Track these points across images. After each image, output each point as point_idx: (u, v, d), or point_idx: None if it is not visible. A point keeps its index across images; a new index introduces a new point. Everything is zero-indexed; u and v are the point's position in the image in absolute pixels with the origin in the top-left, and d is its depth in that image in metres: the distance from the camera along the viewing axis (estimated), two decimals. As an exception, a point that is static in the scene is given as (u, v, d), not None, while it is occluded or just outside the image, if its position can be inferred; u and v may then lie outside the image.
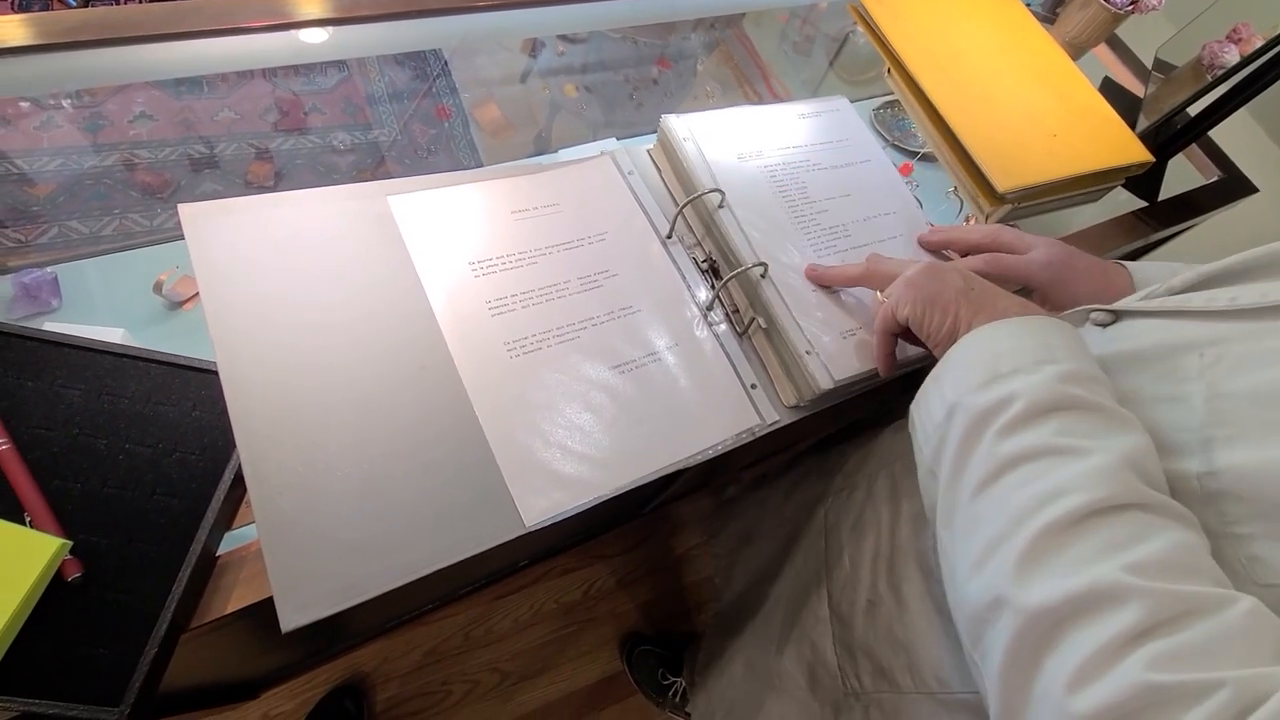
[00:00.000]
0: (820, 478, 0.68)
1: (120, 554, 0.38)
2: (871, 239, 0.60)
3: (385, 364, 0.46)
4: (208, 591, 0.41)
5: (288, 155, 1.47)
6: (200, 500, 0.40)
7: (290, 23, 0.79)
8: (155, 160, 1.39)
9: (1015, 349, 0.36)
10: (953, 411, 0.36)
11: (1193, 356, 0.35)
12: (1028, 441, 0.32)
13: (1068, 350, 0.35)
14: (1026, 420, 0.33)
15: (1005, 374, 0.35)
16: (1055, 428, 0.32)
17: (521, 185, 0.57)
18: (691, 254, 0.59)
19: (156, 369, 0.43)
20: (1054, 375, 0.34)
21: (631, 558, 1.41)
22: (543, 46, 1.35)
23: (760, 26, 1.32)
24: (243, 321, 0.44)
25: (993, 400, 0.34)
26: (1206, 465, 0.32)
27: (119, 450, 0.40)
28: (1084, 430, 0.32)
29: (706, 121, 0.62)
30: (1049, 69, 0.77)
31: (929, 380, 0.39)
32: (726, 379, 0.53)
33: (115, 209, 1.32)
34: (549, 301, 0.52)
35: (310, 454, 0.42)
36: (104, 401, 0.41)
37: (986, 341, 0.37)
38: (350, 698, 1.17)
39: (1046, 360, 0.34)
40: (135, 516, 0.39)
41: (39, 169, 1.34)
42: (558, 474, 0.46)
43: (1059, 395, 0.33)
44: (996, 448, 0.33)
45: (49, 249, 1.26)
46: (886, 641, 0.50)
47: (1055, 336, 0.36)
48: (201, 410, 0.43)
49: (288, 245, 0.48)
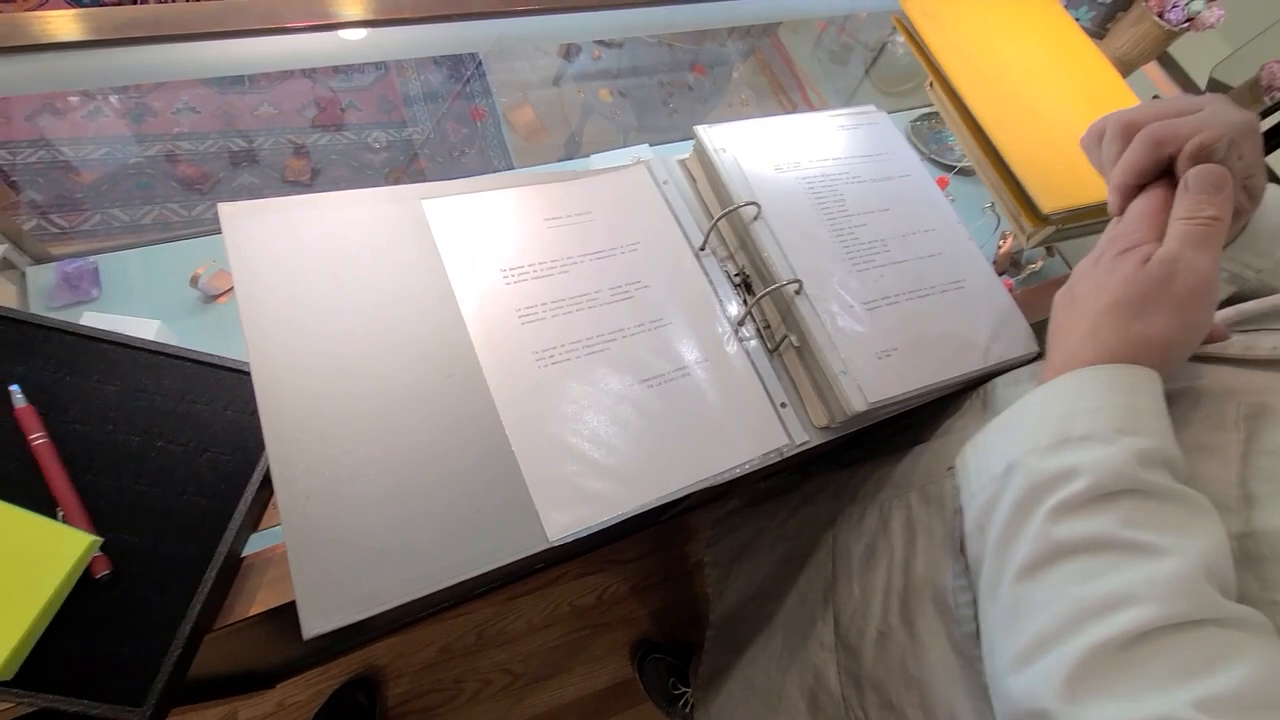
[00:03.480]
0: (830, 498, 0.67)
1: (148, 553, 0.38)
2: (911, 255, 0.59)
3: (414, 371, 0.46)
4: (232, 593, 0.41)
5: (324, 151, 1.50)
6: (228, 501, 0.40)
7: (332, 23, 0.80)
8: (195, 153, 1.42)
9: (1095, 408, 0.31)
10: (1011, 469, 0.32)
11: (1230, 406, 0.33)
12: (1088, 529, 0.29)
13: (1153, 419, 0.31)
14: (1088, 503, 0.29)
15: (1076, 439, 0.31)
16: (1120, 517, 0.28)
17: (555, 192, 0.57)
18: (724, 267, 0.58)
19: (191, 367, 0.44)
20: (1131, 453, 0.29)
21: (646, 564, 1.41)
22: (578, 51, 1.35)
23: (797, 34, 1.31)
24: (276, 323, 0.45)
25: (1055, 470, 0.30)
26: (1245, 525, 0.30)
27: (151, 448, 0.41)
28: (1156, 522, 0.28)
29: (742, 132, 0.61)
30: (1098, 86, 0.75)
31: (996, 424, 0.36)
32: (756, 397, 0.52)
33: (155, 199, 1.35)
34: (579, 311, 0.52)
35: (338, 459, 0.42)
36: (139, 398, 0.42)
37: (1068, 393, 0.33)
38: (363, 691, 1.18)
39: (1126, 430, 0.30)
40: (164, 515, 0.39)
41: (83, 157, 1.38)
42: (582, 488, 0.45)
43: (1131, 478, 0.29)
44: (1050, 529, 0.29)
45: (90, 236, 1.29)
46: (899, 676, 0.48)
47: (1143, 396, 0.31)
48: (234, 411, 0.43)
49: (322, 247, 0.48)
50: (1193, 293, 0.32)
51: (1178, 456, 0.31)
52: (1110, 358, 0.33)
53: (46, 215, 1.29)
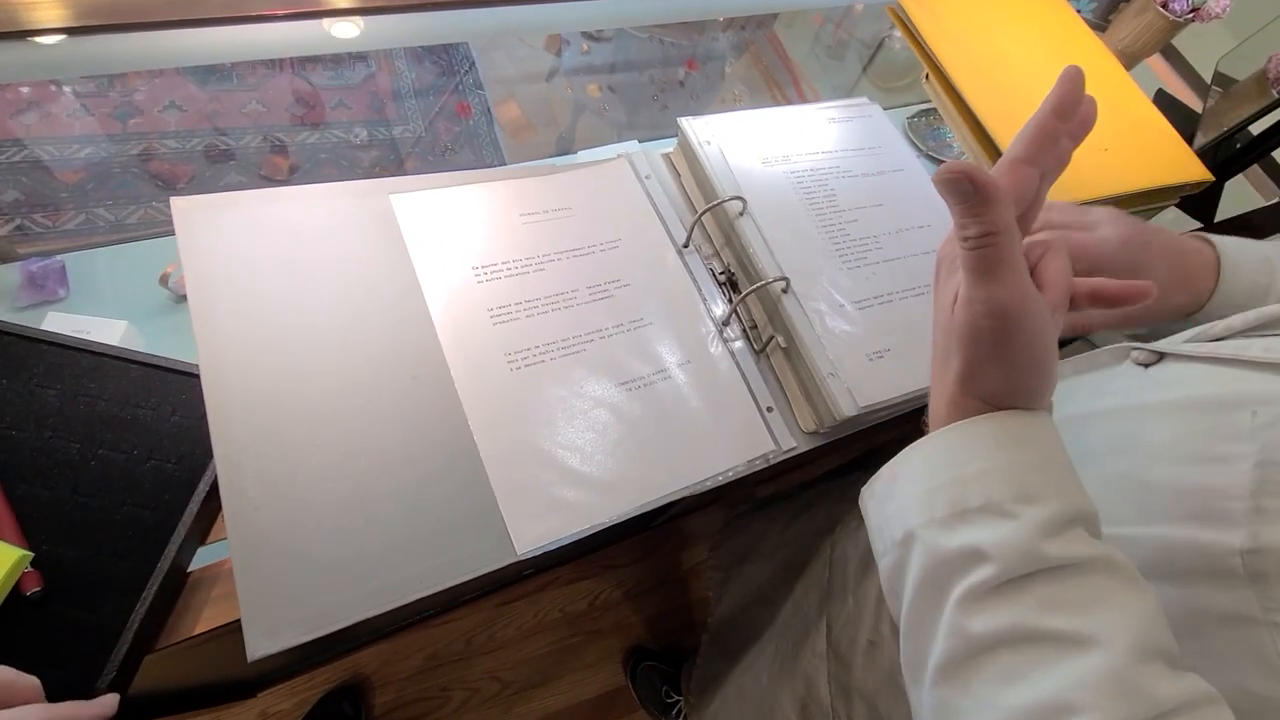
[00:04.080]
0: (830, 506, 0.65)
1: (84, 568, 0.36)
2: (905, 252, 0.56)
3: (377, 372, 0.43)
4: (178, 609, 0.38)
5: (312, 149, 1.47)
6: (172, 513, 0.38)
7: (315, 11, 0.78)
8: (173, 151, 1.40)
9: (985, 471, 0.28)
10: (910, 540, 0.29)
11: (1244, 414, 0.30)
12: (1003, 621, 0.26)
13: (1049, 475, 0.28)
14: (998, 589, 0.26)
15: (974, 510, 0.27)
16: (1036, 602, 0.26)
17: (532, 187, 0.54)
18: (709, 265, 0.56)
19: (137, 370, 0.41)
20: (1035, 527, 0.26)
21: (639, 569, 1.38)
22: (567, 45, 1.33)
23: (792, 28, 1.29)
24: (230, 321, 0.42)
25: (957, 550, 0.27)
26: (1252, 541, 0.28)
27: (91, 456, 0.38)
28: (1075, 602, 0.25)
29: (728, 124, 0.59)
30: (1101, 79, 0.72)
31: (887, 474, 0.32)
32: (741, 400, 0.50)
33: (129, 198, 1.32)
34: (555, 311, 0.49)
35: (292, 467, 0.39)
36: (80, 403, 0.39)
37: (955, 450, 0.29)
38: (348, 699, 1.15)
39: (1024, 498, 0.27)
40: (103, 528, 0.37)
41: (59, 155, 1.35)
42: (555, 497, 0.43)
43: (1039, 557, 0.26)
44: (964, 621, 0.26)
45: (62, 236, 1.27)
46: (887, 687, 0.47)
47: (1034, 452, 0.28)
48: (181, 415, 0.41)
49: (282, 243, 0.45)
50: (1003, 336, 0.27)
51: (1086, 509, 0.28)
52: (978, 409, 0.29)
53: (20, 214, 1.26)
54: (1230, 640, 0.28)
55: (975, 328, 0.28)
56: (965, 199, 0.26)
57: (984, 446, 0.28)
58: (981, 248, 0.26)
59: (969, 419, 0.29)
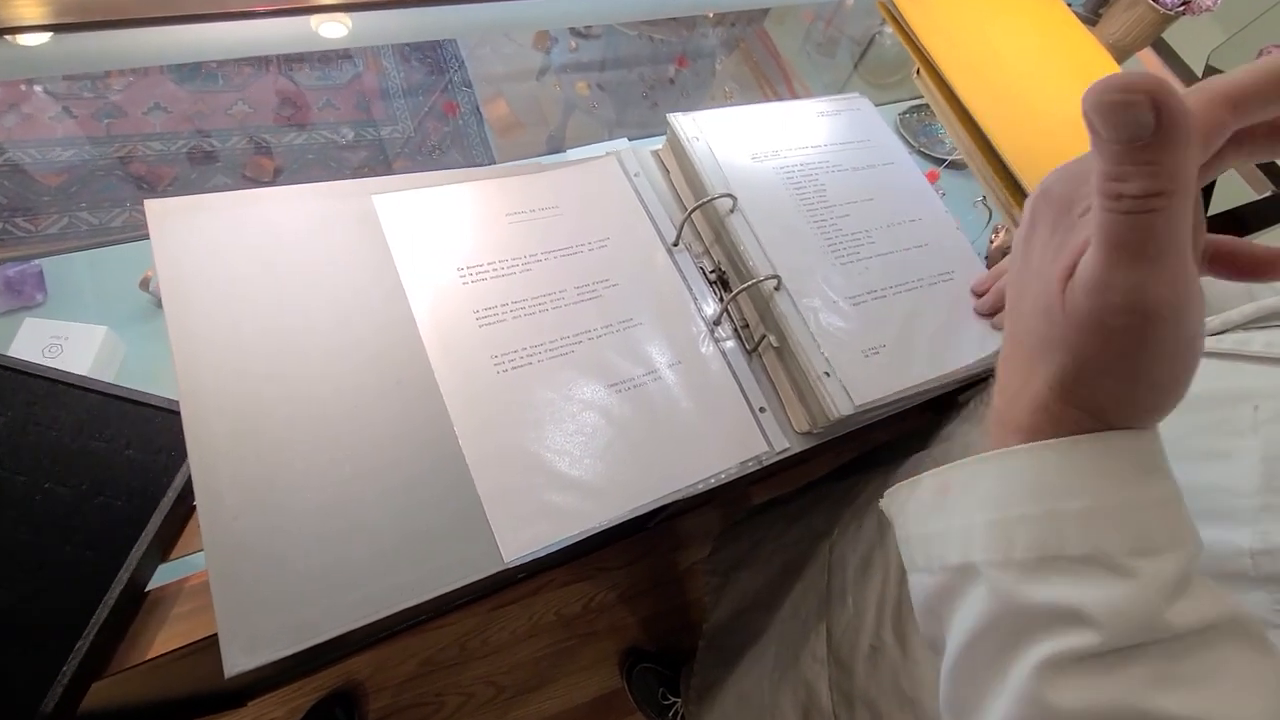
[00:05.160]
0: (829, 508, 0.64)
1: (19, 611, 0.33)
2: (896, 246, 0.56)
3: (359, 376, 0.42)
4: (135, 630, 0.36)
5: (299, 150, 1.46)
6: (117, 554, 0.35)
7: (301, 7, 0.77)
8: (156, 153, 1.38)
9: (1092, 512, 0.21)
10: (969, 572, 0.23)
11: (1247, 408, 0.30)
12: (1104, 699, 0.20)
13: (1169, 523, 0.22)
14: (1102, 660, 0.20)
15: (1074, 560, 0.21)
16: (1149, 676, 0.20)
17: (518, 186, 0.53)
18: (699, 263, 0.55)
19: (94, 399, 0.39)
20: (1157, 589, 0.20)
21: (633, 571, 1.37)
22: (555, 42, 1.32)
23: (783, 25, 1.28)
24: (206, 326, 0.41)
25: (1046, 607, 0.21)
26: (1262, 541, 0.27)
27: (37, 490, 0.36)
28: (1196, 675, 0.20)
29: (718, 120, 0.58)
30: (1092, 73, 0.72)
31: (934, 487, 0.26)
32: (733, 401, 0.49)
33: (111, 200, 1.30)
34: (542, 312, 0.48)
35: (272, 473, 0.38)
36: (30, 432, 0.37)
37: (1046, 478, 0.22)
38: (341, 706, 1.14)
39: (1142, 551, 0.21)
40: (42, 568, 0.35)
41: (40, 158, 1.33)
42: (544, 502, 0.42)
43: (1162, 627, 0.20)
44: (1048, 692, 0.21)
45: (40, 240, 1.25)
46: (891, 693, 0.46)
47: (1154, 490, 0.22)
48: (135, 450, 0.39)
49: (260, 246, 0.44)
50: (1140, 343, 0.20)
51: (1199, 553, 0.22)
52: (1080, 424, 0.22)
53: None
54: None
55: (1104, 325, 0.20)
56: (1139, 133, 0.17)
57: (1091, 477, 0.22)
58: (1143, 212, 0.17)
59: (1069, 437, 0.22)
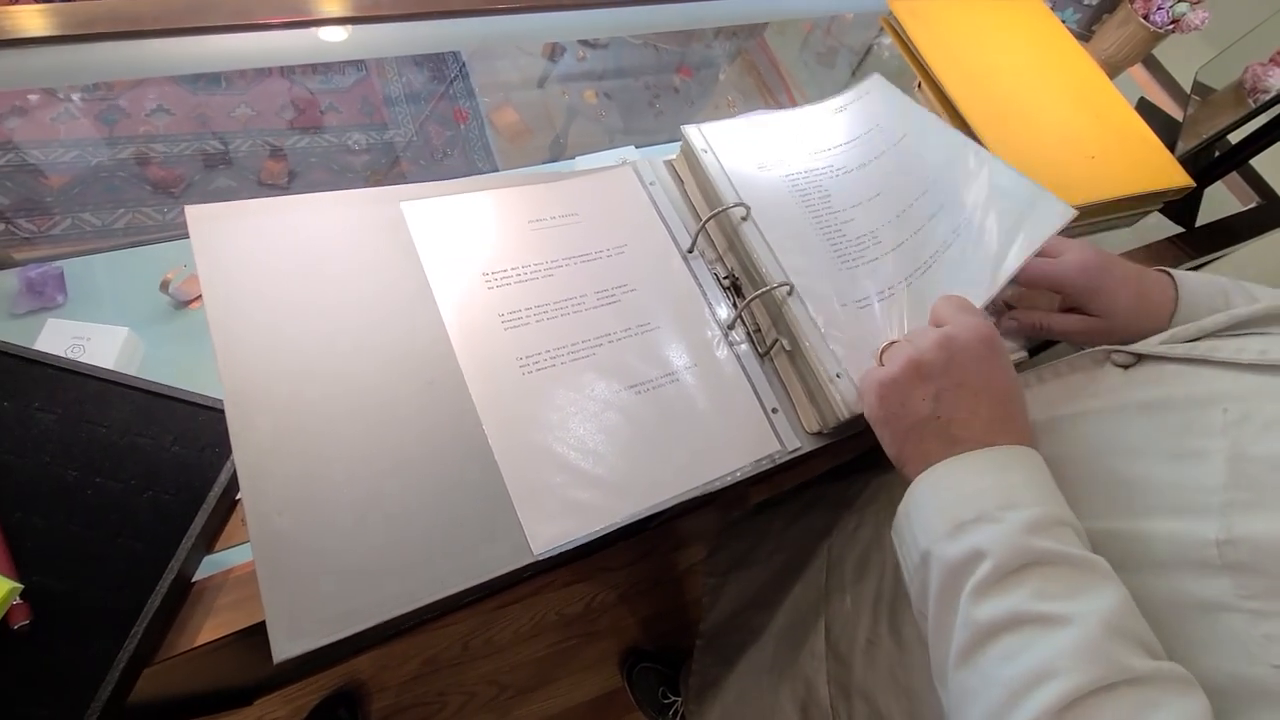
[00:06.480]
0: (828, 508, 0.66)
1: (74, 601, 0.35)
2: (906, 234, 0.55)
3: (393, 377, 0.44)
4: (184, 618, 0.38)
5: (303, 154, 1.47)
6: (167, 546, 0.37)
7: (310, 20, 0.78)
8: (169, 155, 1.39)
9: (977, 492, 0.34)
10: (926, 559, 0.34)
11: (1216, 411, 0.33)
12: (1003, 607, 0.30)
13: (1031, 490, 0.34)
14: (998, 581, 0.31)
15: (970, 521, 0.33)
16: (1030, 591, 0.30)
17: (539, 194, 0.55)
18: (713, 269, 0.57)
19: (140, 397, 0.41)
20: (1020, 526, 0.32)
21: (634, 571, 1.39)
22: (563, 51, 1.34)
23: (783, 36, 1.31)
24: (247, 329, 0.43)
25: (962, 554, 0.32)
26: (1225, 532, 0.29)
27: (88, 484, 0.37)
28: (1058, 591, 0.30)
29: (726, 131, 0.60)
30: (1086, 88, 0.75)
31: (901, 514, 0.38)
32: (747, 402, 0.51)
33: (127, 203, 1.31)
34: (564, 316, 0.50)
35: (313, 469, 0.40)
36: (80, 429, 0.39)
37: (947, 481, 0.36)
38: (345, 705, 1.15)
39: (1009, 505, 0.33)
40: (96, 560, 0.36)
41: (53, 160, 1.34)
42: (569, 499, 0.44)
43: (1027, 550, 0.31)
44: (973, 612, 0.31)
45: (60, 241, 1.26)
46: (887, 685, 0.48)
47: (1017, 473, 0.34)
48: (182, 446, 0.40)
49: (296, 250, 0.46)
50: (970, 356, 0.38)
51: (1065, 516, 0.33)
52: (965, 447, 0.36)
53: (12, 219, 1.25)
54: (1209, 627, 0.29)
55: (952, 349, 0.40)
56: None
57: (972, 470, 0.35)
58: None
59: (957, 457, 0.36)
